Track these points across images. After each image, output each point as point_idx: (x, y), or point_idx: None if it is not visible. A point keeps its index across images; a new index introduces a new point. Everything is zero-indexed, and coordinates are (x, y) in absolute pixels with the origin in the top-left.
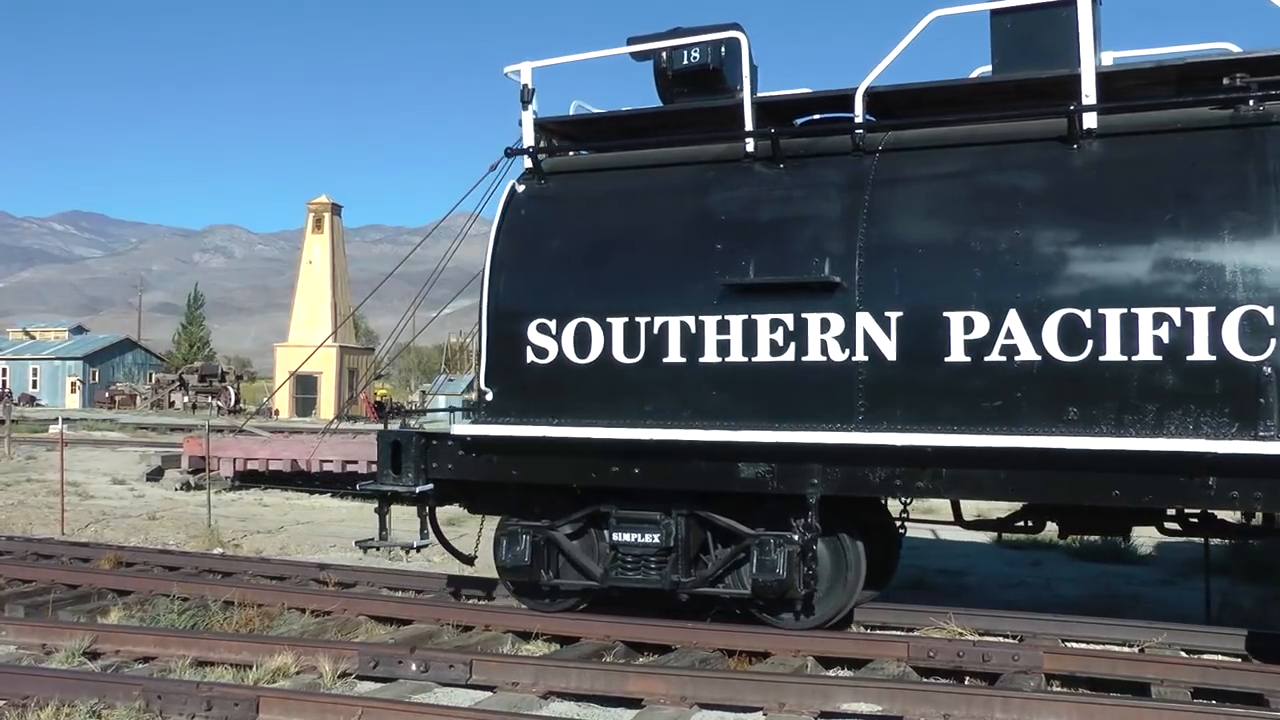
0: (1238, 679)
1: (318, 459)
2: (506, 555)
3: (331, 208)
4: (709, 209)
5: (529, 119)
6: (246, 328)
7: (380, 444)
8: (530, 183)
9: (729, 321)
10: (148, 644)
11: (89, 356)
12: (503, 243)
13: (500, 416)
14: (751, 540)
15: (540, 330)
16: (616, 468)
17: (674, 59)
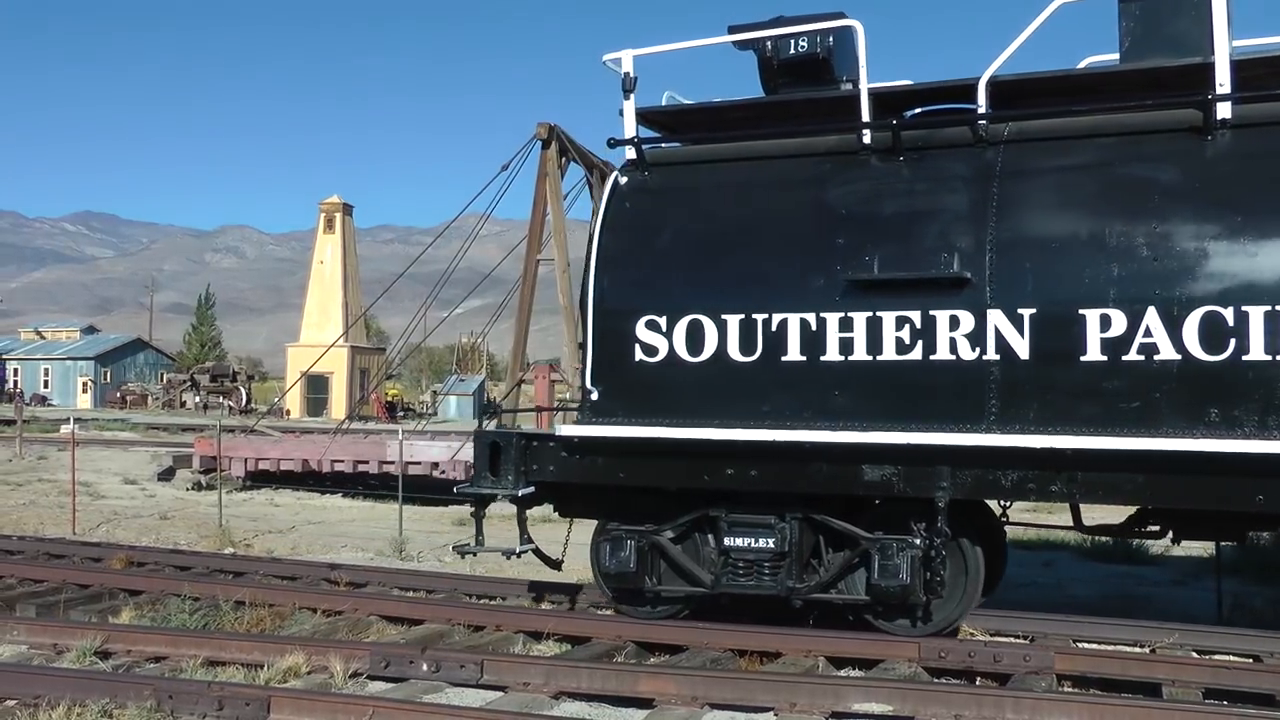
0: (1249, 679)
1: (329, 459)
2: (610, 561)
3: (343, 208)
4: (828, 202)
5: (631, 109)
6: (258, 328)
7: (478, 445)
8: (633, 175)
9: (852, 319)
10: (159, 644)
11: (100, 356)
12: (607, 237)
13: (606, 417)
14: (871, 544)
15: (650, 327)
16: (731, 470)
17: (780, 48)
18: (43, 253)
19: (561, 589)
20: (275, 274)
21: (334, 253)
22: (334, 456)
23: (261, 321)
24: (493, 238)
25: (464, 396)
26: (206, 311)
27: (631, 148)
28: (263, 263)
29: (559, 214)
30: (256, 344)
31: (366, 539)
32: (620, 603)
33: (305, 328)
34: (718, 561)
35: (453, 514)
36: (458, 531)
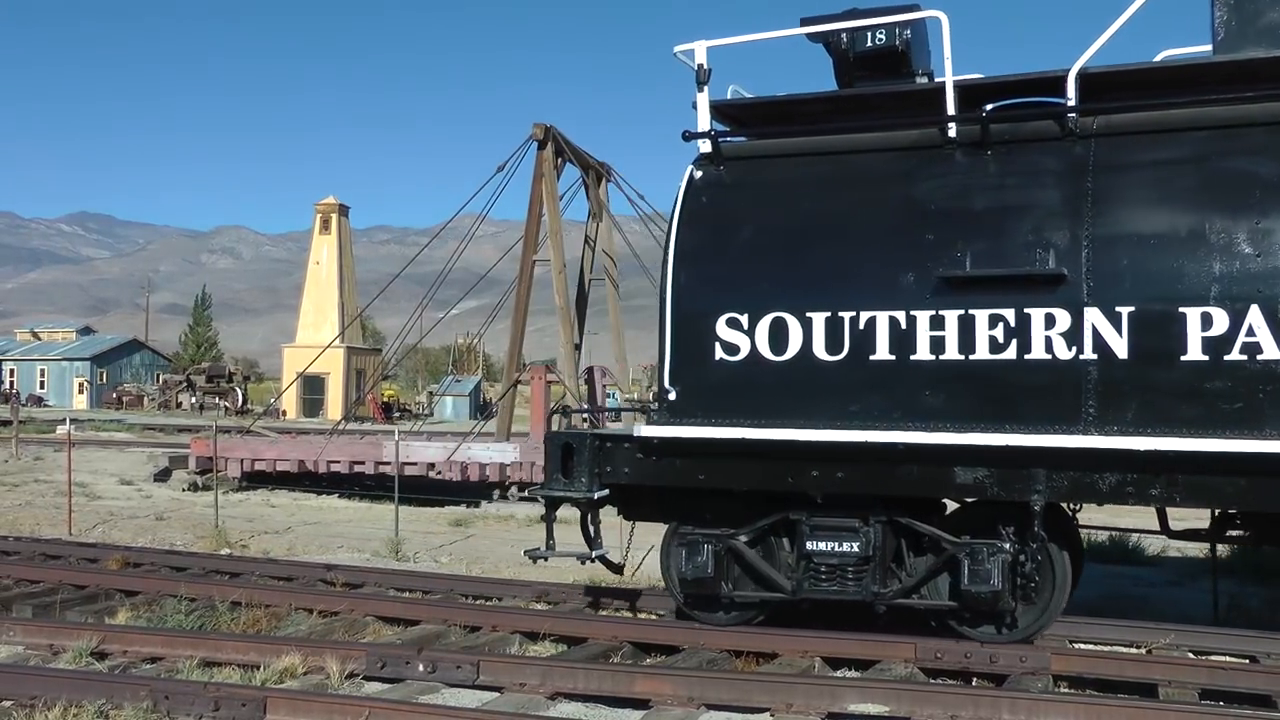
0: (1245, 680)
1: (325, 459)
2: (687, 566)
3: (339, 209)
4: (916, 197)
5: (705, 101)
6: (254, 328)
7: (550, 446)
8: (708, 169)
9: (943, 317)
10: (155, 644)
11: (96, 357)
12: (684, 232)
13: (684, 417)
14: (960, 549)
15: (730, 325)
16: (817, 472)
17: (856, 41)
18: (39, 253)
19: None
20: (271, 275)
21: (330, 253)
22: (330, 457)
23: (257, 322)
24: (489, 238)
25: (460, 397)
26: (203, 312)
27: (707, 141)
28: (259, 263)
29: (555, 215)
30: (252, 345)
31: (363, 539)
32: (692, 609)
33: (301, 328)
34: (796, 566)
35: (449, 514)
36: (453, 532)
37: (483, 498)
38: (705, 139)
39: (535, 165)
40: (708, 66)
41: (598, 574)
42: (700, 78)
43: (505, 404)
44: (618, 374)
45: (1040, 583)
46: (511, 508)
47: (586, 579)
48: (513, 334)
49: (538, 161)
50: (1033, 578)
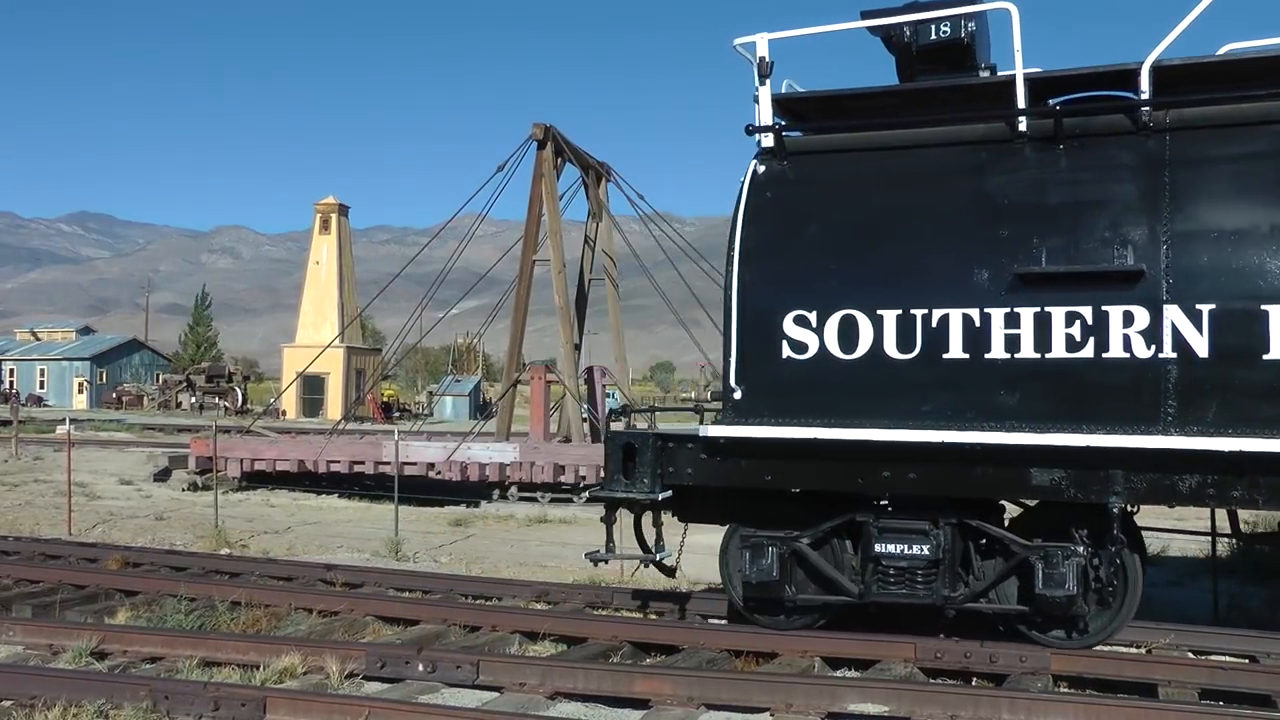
0: (1245, 680)
1: (325, 459)
2: (751, 569)
3: (338, 208)
4: (988, 193)
5: (767, 95)
6: (253, 328)
7: (611, 446)
8: (770, 164)
9: (1019, 314)
10: (155, 644)
11: (96, 357)
12: (749, 229)
13: (750, 417)
14: (1033, 553)
15: (798, 323)
16: (888, 473)
17: (920, 34)
18: (39, 253)
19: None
20: (271, 275)
21: (330, 253)
22: (330, 457)
23: (257, 322)
24: (488, 238)
25: (460, 397)
26: (203, 312)
27: (770, 136)
28: (258, 263)
29: (554, 215)
30: (252, 344)
31: (362, 539)
32: (754, 612)
33: (301, 328)
34: (861, 569)
35: (448, 514)
36: (453, 532)
37: (482, 498)
38: (768, 133)
39: (535, 165)
40: (769, 59)
41: (598, 575)
42: (762, 70)
43: (505, 404)
44: (617, 374)
45: (1116, 587)
46: (511, 508)
47: (587, 579)
48: (512, 334)
49: (537, 161)
50: (1110, 582)
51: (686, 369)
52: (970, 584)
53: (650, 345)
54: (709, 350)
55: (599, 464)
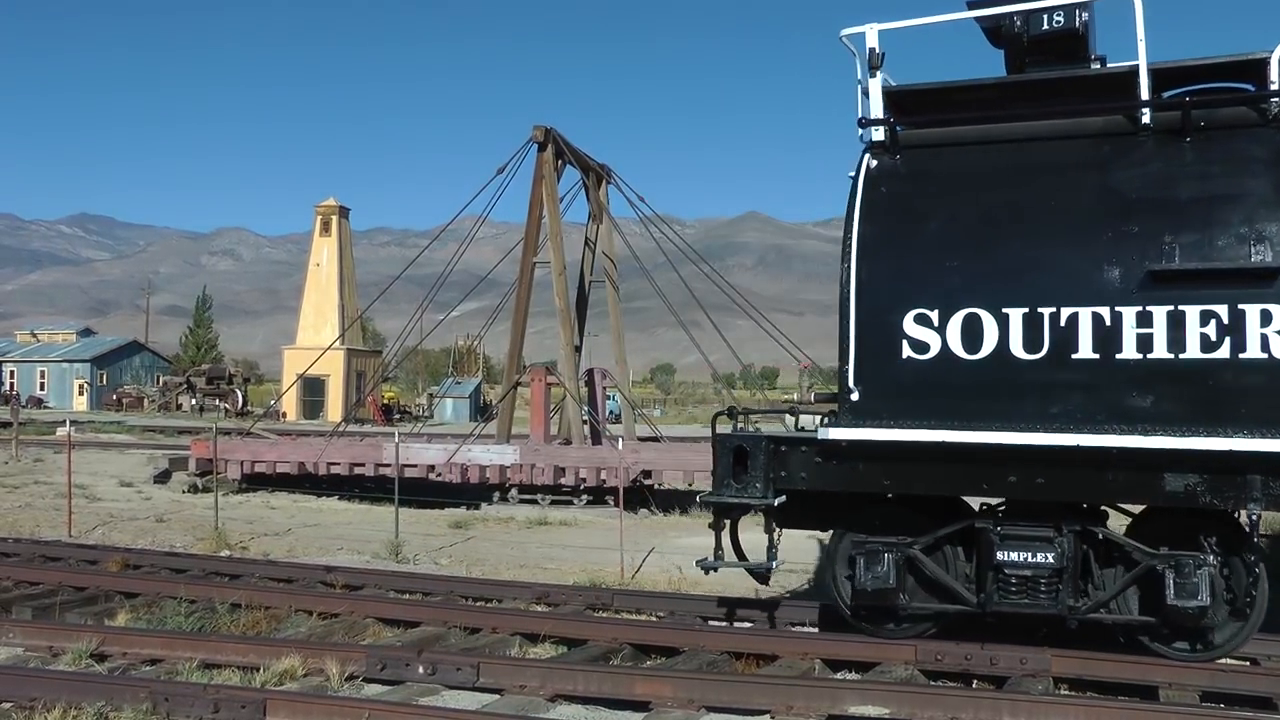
0: (1247, 682)
1: (325, 461)
2: (866, 576)
3: (339, 210)
4: (1115, 187)
5: (877, 87)
6: (254, 330)
7: (720, 450)
8: (883, 158)
9: (1151, 313)
10: (155, 646)
11: (96, 359)
12: (865, 225)
13: (868, 419)
14: (1162, 561)
15: (919, 322)
16: (1015, 477)
17: (1032, 23)
18: (39, 255)
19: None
20: (271, 276)
21: (330, 255)
22: (330, 459)
23: (258, 324)
24: (489, 240)
25: (460, 399)
26: (204, 314)
27: (882, 130)
28: (259, 265)
29: (555, 217)
30: (253, 346)
31: (363, 541)
32: (863, 621)
33: (301, 330)
34: (977, 577)
35: (449, 516)
36: (454, 534)
37: (483, 499)
38: (880, 127)
39: (535, 167)
40: (880, 50)
41: (599, 577)
42: (872, 62)
43: (505, 406)
44: (618, 376)
45: (1254, 597)
46: (512, 510)
47: (588, 581)
48: (513, 336)
49: (538, 163)
50: (1249, 592)
51: (687, 371)
52: (1091, 594)
53: (651, 347)
54: (709, 352)
55: (599, 466)
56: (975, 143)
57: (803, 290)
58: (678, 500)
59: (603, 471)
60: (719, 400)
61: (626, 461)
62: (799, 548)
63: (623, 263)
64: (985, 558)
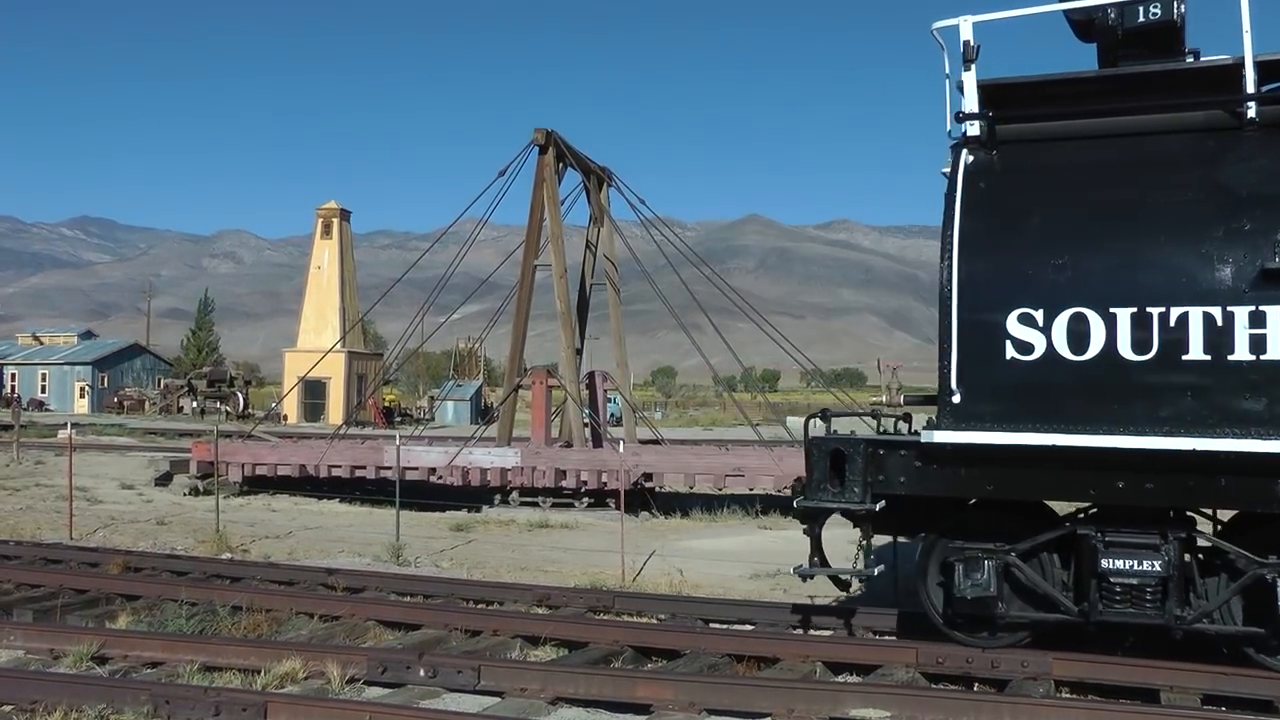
0: (1248, 686)
1: (326, 464)
2: (966, 584)
3: (340, 213)
4: (1223, 183)
5: (972, 81)
6: (255, 333)
7: (817, 453)
8: (979, 153)
9: (1265, 313)
10: (156, 649)
11: (98, 361)
12: (967, 222)
13: (970, 422)
14: (1273, 570)
15: (1023, 322)
16: (1123, 483)
17: (1126, 15)
18: (40, 258)
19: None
20: (272, 279)
21: (331, 258)
22: (331, 461)
23: (259, 326)
24: (490, 243)
25: (461, 402)
26: (205, 316)
27: (978, 124)
28: (260, 268)
29: (556, 219)
30: (254, 349)
31: (364, 544)
32: (956, 629)
33: (302, 333)
34: (1075, 585)
35: (450, 519)
36: (455, 537)
37: (484, 502)
38: (977, 122)
39: (536, 170)
40: (974, 43)
41: (599, 580)
42: (967, 55)
43: (506, 409)
44: (619, 379)
45: None
46: (513, 512)
47: (589, 584)
48: (514, 338)
49: (539, 166)
50: None
51: (688, 374)
52: (1194, 603)
53: (652, 350)
54: (710, 355)
55: (600, 469)
56: (1076, 137)
57: (803, 293)
58: (679, 503)
59: (604, 474)
60: (720, 403)
61: (627, 464)
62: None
63: (624, 265)
64: (1087, 565)
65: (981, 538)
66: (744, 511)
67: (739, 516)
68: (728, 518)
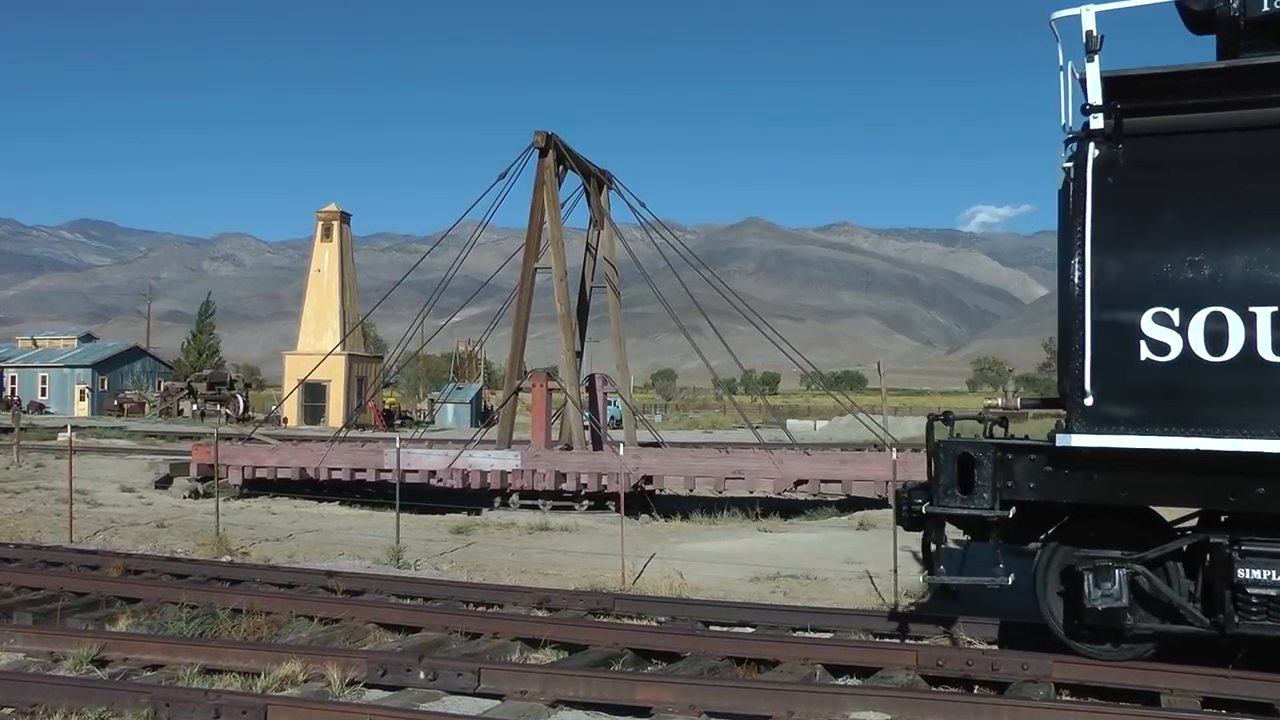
0: (1248, 689)
1: (326, 467)
2: (1096, 594)
3: (340, 216)
4: None
5: (1096, 72)
6: (255, 335)
7: (943, 457)
8: (1105, 148)
9: None
10: (156, 651)
11: (98, 364)
12: (1099, 217)
13: (1103, 426)
14: None
15: (1158, 321)
16: (1263, 489)
17: (1249, 6)
18: (40, 260)
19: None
20: (273, 282)
21: (331, 261)
22: (331, 464)
23: (259, 329)
24: (490, 246)
25: (461, 404)
26: (206, 319)
27: (1104, 117)
28: (260, 271)
29: (556, 222)
30: (254, 352)
31: (364, 547)
32: (1080, 640)
33: (303, 335)
34: (1205, 596)
35: (450, 522)
36: (455, 539)
37: (484, 505)
38: (1104, 114)
39: (536, 173)
40: (1098, 33)
41: (599, 583)
42: (1090, 45)
43: (506, 411)
44: (619, 381)
45: None
46: (513, 515)
47: (589, 586)
48: (514, 341)
49: (539, 169)
50: None
51: (688, 376)
52: None
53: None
54: (710, 357)
55: (600, 471)
56: (1207, 130)
57: (803, 295)
58: (679, 505)
59: (604, 477)
60: (720, 405)
61: (628, 467)
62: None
63: (624, 268)
64: (1220, 576)
65: (1101, 545)
66: (744, 514)
67: (739, 519)
68: (728, 520)
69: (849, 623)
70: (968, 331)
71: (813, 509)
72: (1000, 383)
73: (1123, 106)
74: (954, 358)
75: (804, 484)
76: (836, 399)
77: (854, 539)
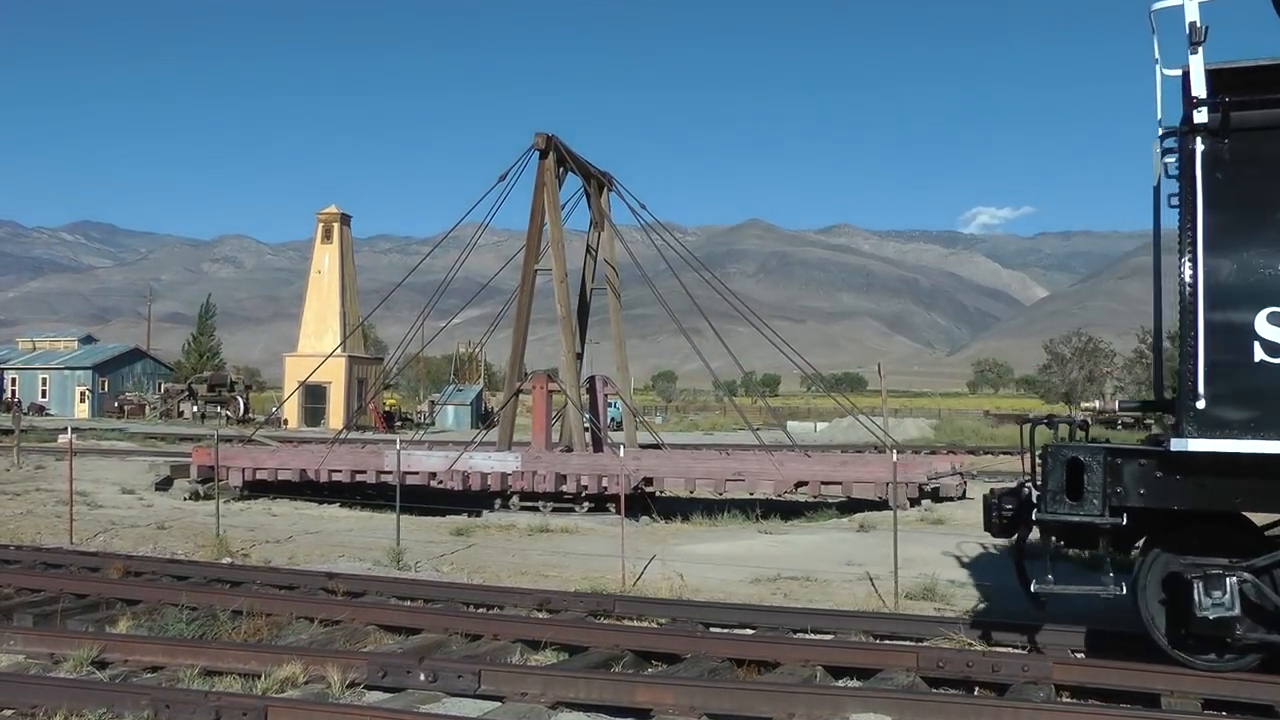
0: (1248, 690)
1: (327, 468)
2: (1207, 602)
3: (340, 218)
4: None
5: (1200, 64)
6: (255, 337)
7: (1052, 461)
8: (1211, 143)
9: None
10: (156, 653)
11: (98, 366)
12: (1209, 214)
13: (1217, 430)
14: None
15: (1273, 322)
16: None
17: None
18: (40, 262)
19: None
20: (273, 284)
21: (332, 262)
22: (331, 466)
23: (259, 331)
24: (490, 248)
25: (461, 406)
26: (206, 321)
27: (1209, 111)
28: (260, 272)
29: (556, 224)
30: (254, 353)
31: (364, 548)
32: (1184, 650)
33: (303, 337)
34: None
35: (450, 523)
36: (455, 541)
37: (484, 507)
38: (1210, 108)
39: (537, 174)
40: (1201, 24)
41: (600, 584)
42: (1194, 37)
43: (507, 413)
44: (619, 383)
45: None
46: (513, 517)
47: (589, 588)
48: (514, 343)
49: (539, 171)
50: None
51: (688, 378)
52: None
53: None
54: (711, 359)
55: (600, 473)
56: None
57: (803, 297)
58: (679, 507)
59: (604, 479)
60: (720, 407)
61: (628, 469)
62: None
63: (624, 270)
64: None
65: (1204, 552)
66: (744, 516)
67: (739, 521)
68: (728, 522)
69: (850, 624)
70: (968, 333)
71: (813, 511)
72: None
73: (1230, 100)
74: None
75: (804, 486)
76: (837, 401)
77: (854, 541)
